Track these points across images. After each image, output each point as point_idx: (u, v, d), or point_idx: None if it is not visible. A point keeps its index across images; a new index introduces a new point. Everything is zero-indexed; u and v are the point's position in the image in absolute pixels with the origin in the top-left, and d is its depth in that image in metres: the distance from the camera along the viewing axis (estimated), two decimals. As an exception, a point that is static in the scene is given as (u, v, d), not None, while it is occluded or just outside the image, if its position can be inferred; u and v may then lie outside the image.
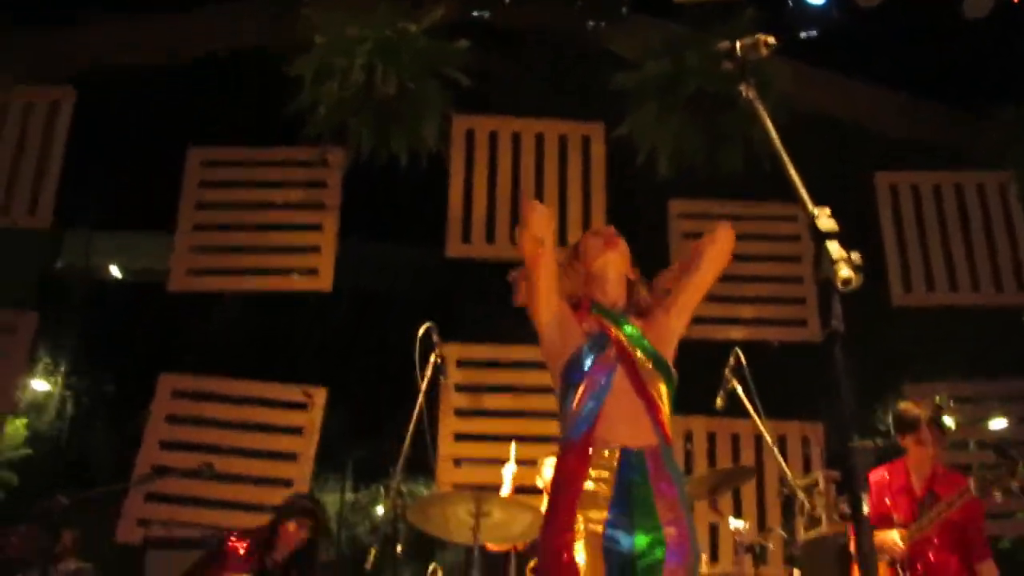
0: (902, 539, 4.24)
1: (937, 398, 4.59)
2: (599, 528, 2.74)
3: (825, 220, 1.51)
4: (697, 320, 6.58)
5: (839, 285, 1.44)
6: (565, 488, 2.82)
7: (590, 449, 2.82)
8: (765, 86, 6.20)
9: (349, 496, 9.53)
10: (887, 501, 4.43)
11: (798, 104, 6.27)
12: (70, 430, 10.35)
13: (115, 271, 10.53)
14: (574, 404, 2.88)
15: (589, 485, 2.79)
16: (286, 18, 6.68)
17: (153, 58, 7.39)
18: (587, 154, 7.07)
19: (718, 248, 3.09)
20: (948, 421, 4.41)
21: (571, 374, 2.91)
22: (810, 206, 1.56)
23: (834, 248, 1.47)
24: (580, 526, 2.74)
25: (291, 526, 4.68)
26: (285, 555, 4.69)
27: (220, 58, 7.11)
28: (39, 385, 10.20)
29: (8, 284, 7.46)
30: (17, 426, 9.44)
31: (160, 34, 7.38)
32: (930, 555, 4.29)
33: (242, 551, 4.64)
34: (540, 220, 2.86)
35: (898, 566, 4.27)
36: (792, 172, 1.65)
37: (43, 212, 6.92)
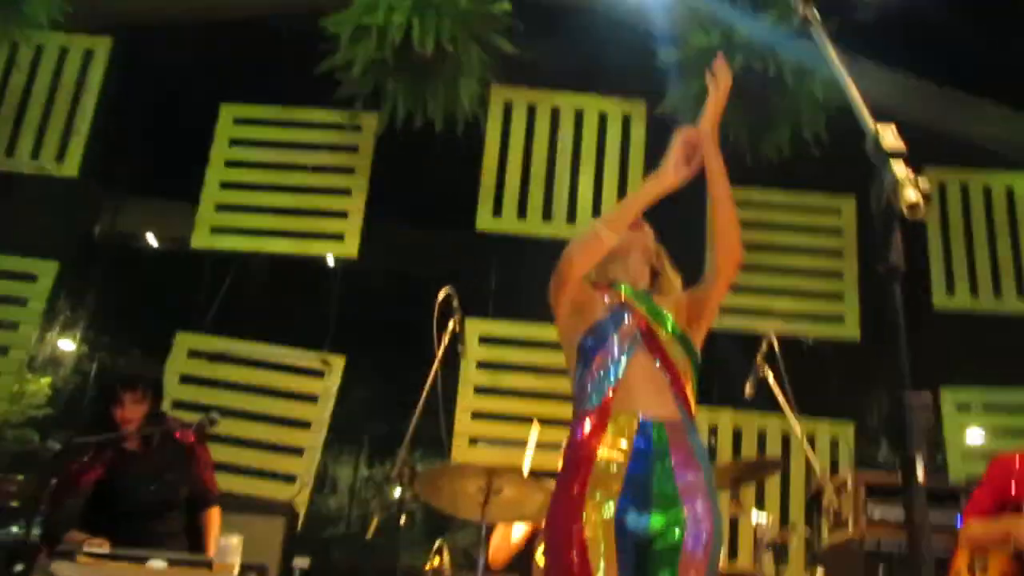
0: None
1: None
2: (611, 502, 2.55)
3: (890, 138, 1.32)
4: (730, 311, 6.49)
5: (904, 211, 1.24)
6: (576, 458, 2.63)
7: (606, 417, 2.64)
8: (812, 74, 5.96)
9: (363, 472, 9.42)
10: (1013, 488, 3.89)
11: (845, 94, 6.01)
12: (93, 389, 10.29)
13: (151, 239, 10.49)
14: (589, 375, 2.71)
15: (603, 454, 2.60)
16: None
17: (198, 16, 7.26)
18: (627, 133, 6.87)
19: (731, 271, 2.91)
20: None
21: (589, 346, 2.74)
22: (871, 122, 1.37)
23: (899, 169, 1.27)
24: (591, 498, 2.56)
25: (125, 403, 4.01)
26: (138, 443, 4.09)
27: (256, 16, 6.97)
28: (63, 344, 10.14)
29: (41, 238, 7.39)
30: (41, 384, 9.38)
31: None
32: None
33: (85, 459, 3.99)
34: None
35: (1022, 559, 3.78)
36: (854, 92, 1.47)
37: (72, 161, 6.82)
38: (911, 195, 1.24)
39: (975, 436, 6.58)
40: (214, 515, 4.18)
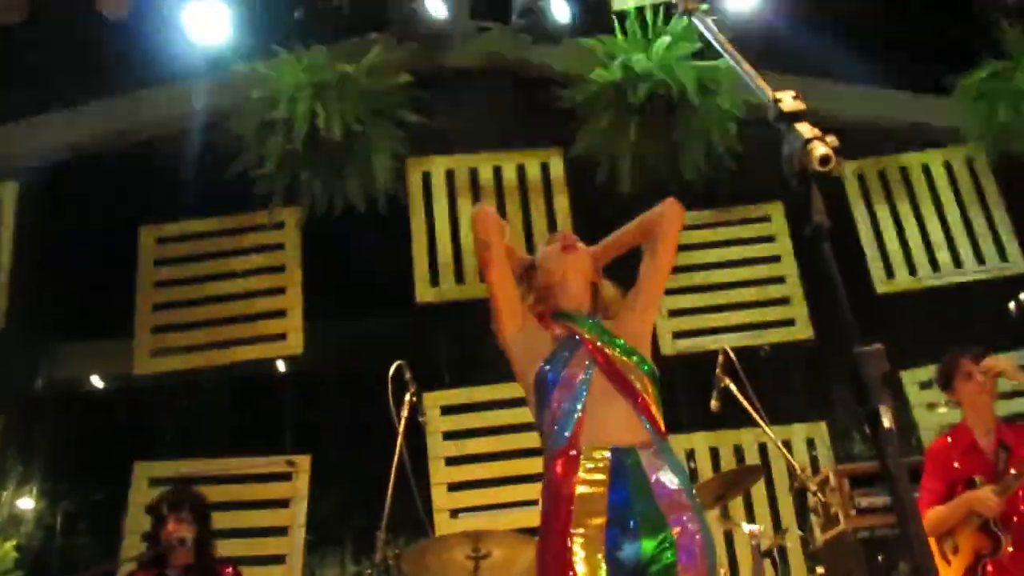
0: (993, 495, 3.89)
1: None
2: (599, 535, 2.50)
3: (790, 101, 1.33)
4: (685, 334, 6.50)
5: (817, 165, 1.25)
6: (556, 498, 2.59)
7: (577, 453, 2.60)
8: (719, 90, 6.08)
9: (351, 569, 9.20)
10: (956, 465, 4.11)
11: (751, 104, 6.14)
12: (60, 541, 9.99)
13: (96, 380, 10.27)
14: (552, 412, 2.68)
15: (582, 490, 2.55)
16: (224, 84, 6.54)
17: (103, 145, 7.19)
18: (547, 181, 6.91)
19: (667, 221, 3.04)
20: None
21: (544, 383, 2.72)
22: (769, 92, 1.38)
23: (804, 128, 1.28)
24: (578, 536, 2.51)
25: (169, 526, 4.14)
26: (184, 565, 4.17)
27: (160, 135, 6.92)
28: (21, 502, 9.84)
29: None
30: (6, 549, 9.08)
31: (106, 120, 7.19)
32: (1022, 508, 3.97)
33: None
34: (483, 221, 2.90)
35: (993, 526, 3.93)
36: (746, 67, 1.48)
37: (-6, 312, 6.66)
38: (820, 149, 1.25)
39: (942, 411, 6.61)
40: None
